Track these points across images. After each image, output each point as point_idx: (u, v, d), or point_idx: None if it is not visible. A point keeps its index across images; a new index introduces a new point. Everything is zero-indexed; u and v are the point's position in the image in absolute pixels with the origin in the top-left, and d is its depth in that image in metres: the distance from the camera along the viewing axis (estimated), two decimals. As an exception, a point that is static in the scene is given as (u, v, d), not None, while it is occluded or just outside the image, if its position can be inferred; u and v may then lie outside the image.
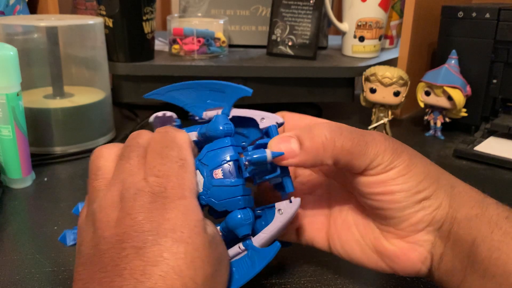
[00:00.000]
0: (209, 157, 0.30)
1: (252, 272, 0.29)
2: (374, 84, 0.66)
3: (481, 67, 0.67)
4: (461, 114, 0.67)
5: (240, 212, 0.29)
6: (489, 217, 0.28)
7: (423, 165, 0.30)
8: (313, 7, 0.75)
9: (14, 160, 0.50)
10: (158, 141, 0.29)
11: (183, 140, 0.29)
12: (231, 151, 0.30)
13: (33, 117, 0.57)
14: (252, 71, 0.70)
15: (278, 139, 0.29)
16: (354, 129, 0.30)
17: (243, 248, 0.30)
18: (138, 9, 0.67)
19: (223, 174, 0.29)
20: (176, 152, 0.28)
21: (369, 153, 0.29)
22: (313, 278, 0.36)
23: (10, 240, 0.41)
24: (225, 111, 0.33)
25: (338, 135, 0.29)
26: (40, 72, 0.63)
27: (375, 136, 0.30)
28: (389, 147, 0.29)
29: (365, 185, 0.30)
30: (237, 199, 0.29)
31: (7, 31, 0.59)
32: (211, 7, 0.82)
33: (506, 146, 0.63)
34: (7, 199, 0.48)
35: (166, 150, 0.28)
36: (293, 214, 0.30)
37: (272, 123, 0.32)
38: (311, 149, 0.29)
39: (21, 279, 0.35)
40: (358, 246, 0.32)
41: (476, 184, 0.54)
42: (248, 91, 0.32)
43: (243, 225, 0.29)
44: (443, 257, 0.29)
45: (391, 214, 0.30)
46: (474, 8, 0.67)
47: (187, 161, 0.28)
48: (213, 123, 0.31)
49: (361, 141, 0.29)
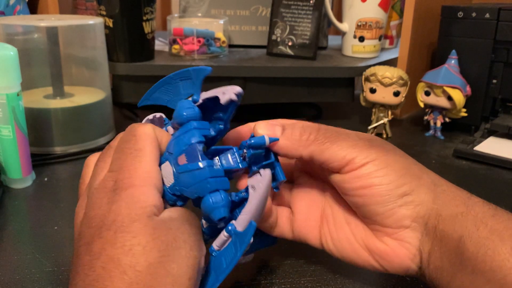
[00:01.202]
0: (173, 145, 0.29)
1: (235, 258, 0.28)
2: (374, 84, 0.67)
3: (481, 67, 0.67)
4: (461, 114, 0.67)
5: (211, 196, 0.27)
6: (474, 214, 0.28)
7: (404, 162, 0.31)
8: (313, 7, 0.75)
9: (14, 160, 0.50)
10: (120, 138, 0.30)
11: (142, 131, 0.30)
12: (194, 134, 0.29)
13: (33, 117, 0.57)
14: (252, 71, 0.70)
15: (265, 123, 0.31)
16: (332, 128, 0.32)
17: (227, 235, 0.28)
18: (138, 9, 0.67)
19: (187, 159, 0.28)
20: (131, 144, 0.29)
21: (342, 148, 0.30)
22: (313, 278, 0.36)
23: (10, 240, 0.41)
24: (195, 97, 0.32)
25: (316, 130, 0.31)
26: (40, 72, 0.63)
27: (349, 134, 0.32)
28: (361, 142, 0.31)
29: (344, 181, 0.31)
30: (205, 181, 0.27)
31: (7, 31, 0.59)
32: (211, 7, 0.82)
33: (506, 146, 0.63)
34: (7, 199, 0.48)
35: (123, 144, 0.29)
36: (266, 186, 0.29)
37: (231, 95, 0.30)
38: (290, 136, 0.31)
39: (21, 279, 0.35)
40: (350, 244, 0.33)
41: (476, 184, 0.54)
42: (206, 69, 0.31)
43: (215, 208, 0.27)
44: (431, 254, 0.30)
45: (374, 210, 0.30)
46: (474, 8, 0.67)
47: (142, 151, 0.28)
48: (177, 110, 0.30)
49: (334, 137, 0.31)
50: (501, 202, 0.50)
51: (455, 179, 0.57)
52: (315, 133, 0.31)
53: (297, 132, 0.31)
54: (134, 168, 0.28)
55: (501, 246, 0.26)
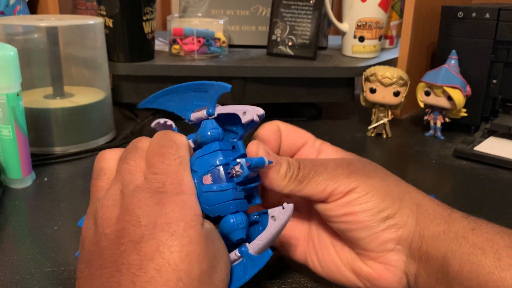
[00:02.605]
0: (198, 164, 0.30)
1: (243, 279, 0.29)
2: (374, 84, 0.67)
3: (481, 67, 0.67)
4: (461, 114, 0.67)
5: (232, 217, 0.29)
6: (455, 231, 0.28)
7: (385, 184, 0.31)
8: (313, 7, 0.75)
9: (14, 160, 0.50)
10: (157, 142, 0.30)
11: (180, 140, 0.30)
12: (220, 155, 0.30)
13: (33, 117, 0.57)
14: (252, 71, 0.70)
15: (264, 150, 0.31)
16: (309, 161, 0.31)
17: (238, 255, 0.30)
18: (138, 9, 0.67)
19: (213, 179, 0.29)
20: (174, 150, 0.29)
21: (320, 182, 0.30)
22: (313, 278, 0.36)
23: (10, 240, 0.41)
24: (210, 111, 0.32)
25: (296, 168, 0.31)
26: (40, 72, 0.63)
27: (327, 164, 0.31)
28: (339, 171, 0.31)
29: (327, 209, 0.31)
30: (228, 203, 0.29)
31: (7, 31, 0.59)
32: (211, 7, 0.82)
33: (506, 146, 0.63)
34: (7, 199, 0.48)
35: (164, 148, 0.29)
36: (286, 220, 0.30)
37: (253, 115, 0.31)
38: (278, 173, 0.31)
39: (21, 279, 0.35)
40: (336, 267, 0.33)
41: (476, 184, 0.54)
42: (227, 87, 0.32)
43: (236, 230, 0.29)
44: (417, 276, 0.30)
45: (358, 235, 0.30)
46: (474, 8, 0.67)
47: (185, 159, 0.29)
48: (201, 129, 0.31)
49: (312, 172, 0.31)
50: (501, 202, 0.50)
51: (455, 179, 0.57)
52: (296, 171, 0.31)
53: (283, 170, 0.31)
54: (182, 175, 0.28)
55: (484, 259, 0.26)
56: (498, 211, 0.48)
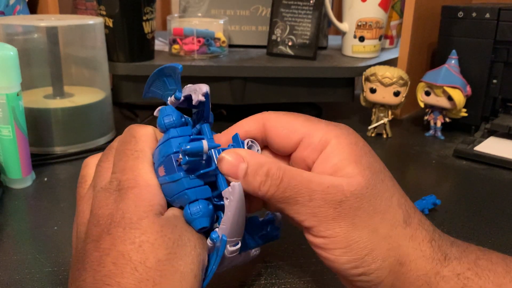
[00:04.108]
0: (155, 155, 0.30)
1: (214, 266, 0.28)
2: (374, 84, 0.66)
3: (481, 67, 0.67)
4: (461, 114, 0.67)
5: (189, 207, 0.28)
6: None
7: (373, 238, 0.27)
8: (313, 7, 0.75)
9: (14, 160, 0.50)
10: (120, 139, 0.31)
11: (141, 133, 0.30)
12: (170, 145, 0.29)
13: (33, 117, 0.57)
14: (252, 71, 0.70)
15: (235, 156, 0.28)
16: (295, 184, 0.27)
17: (211, 243, 0.28)
18: (138, 9, 0.67)
19: (165, 170, 0.28)
20: (132, 145, 0.29)
21: (300, 213, 0.27)
22: (313, 278, 0.36)
23: (10, 240, 0.41)
24: (177, 94, 0.31)
25: (275, 185, 0.27)
26: (40, 72, 0.63)
27: (313, 195, 0.27)
28: (324, 209, 0.27)
29: (308, 238, 0.29)
30: (182, 193, 0.28)
31: (7, 31, 0.59)
32: (211, 7, 0.82)
33: (506, 146, 0.63)
34: (7, 199, 0.48)
35: (124, 145, 0.30)
36: (238, 199, 0.27)
37: (198, 96, 0.29)
38: (251, 184, 0.28)
39: (21, 279, 0.35)
40: None
41: (476, 184, 0.54)
42: (176, 67, 0.30)
43: (195, 219, 0.28)
44: None
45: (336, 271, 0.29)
46: (474, 8, 0.67)
47: (143, 152, 0.29)
48: (159, 116, 0.30)
49: (293, 199, 0.27)
50: (501, 202, 0.50)
51: (455, 179, 0.57)
52: (274, 188, 0.27)
53: (257, 182, 0.27)
54: (137, 169, 0.28)
55: None
56: (498, 211, 0.48)
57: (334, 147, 0.28)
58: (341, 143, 0.28)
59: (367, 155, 0.29)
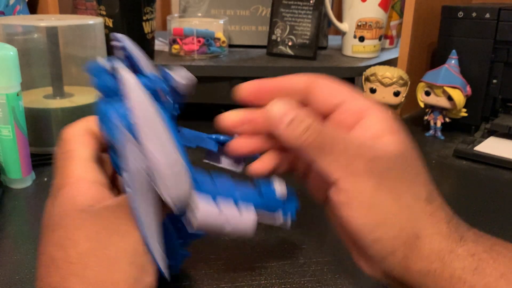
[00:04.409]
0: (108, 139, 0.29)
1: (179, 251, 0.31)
2: (374, 84, 0.67)
3: (481, 67, 0.67)
4: (461, 114, 0.67)
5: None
6: (451, 272, 0.26)
7: (395, 205, 0.27)
8: (313, 7, 0.75)
9: (14, 160, 0.50)
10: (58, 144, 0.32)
11: (69, 134, 0.31)
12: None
13: (33, 117, 0.57)
14: (252, 71, 0.70)
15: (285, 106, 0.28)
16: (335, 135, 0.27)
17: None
18: (138, 9, 0.67)
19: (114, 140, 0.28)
20: (60, 148, 0.30)
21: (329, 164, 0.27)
22: (313, 278, 0.36)
23: (10, 240, 0.41)
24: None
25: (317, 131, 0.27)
26: (40, 72, 0.63)
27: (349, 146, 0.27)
28: (355, 164, 0.27)
29: (332, 197, 0.28)
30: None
31: (7, 31, 0.59)
32: (211, 7, 0.82)
33: (506, 146, 0.63)
34: (7, 199, 0.48)
35: (56, 150, 0.31)
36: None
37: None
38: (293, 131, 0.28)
39: (21, 279, 0.35)
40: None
41: (476, 184, 0.54)
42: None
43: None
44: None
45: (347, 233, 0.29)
46: (474, 8, 0.67)
47: (71, 151, 0.30)
48: None
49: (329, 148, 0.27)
50: (501, 202, 0.50)
51: (455, 179, 0.57)
52: (313, 136, 0.27)
53: (300, 129, 0.27)
54: (66, 169, 0.29)
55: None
56: (498, 211, 0.48)
57: (374, 117, 0.29)
58: (380, 116, 0.29)
59: (403, 132, 0.30)
